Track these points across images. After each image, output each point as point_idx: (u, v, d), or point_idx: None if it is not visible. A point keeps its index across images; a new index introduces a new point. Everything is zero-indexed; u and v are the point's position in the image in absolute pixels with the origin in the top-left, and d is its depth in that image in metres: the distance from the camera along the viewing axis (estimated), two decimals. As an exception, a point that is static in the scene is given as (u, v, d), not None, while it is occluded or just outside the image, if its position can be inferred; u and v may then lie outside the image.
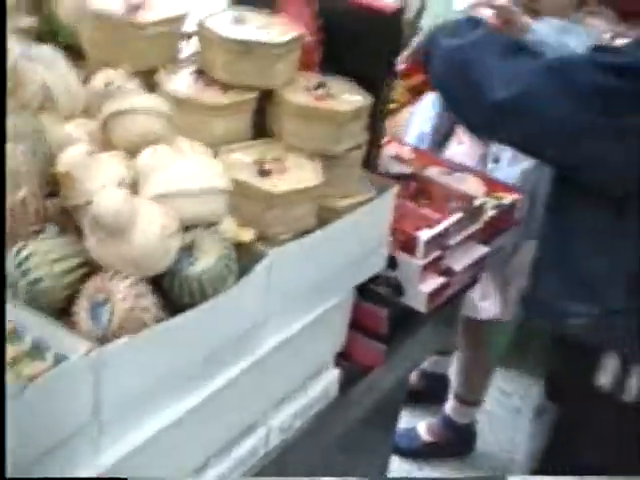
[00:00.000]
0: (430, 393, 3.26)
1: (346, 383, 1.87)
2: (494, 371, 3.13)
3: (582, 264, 1.92)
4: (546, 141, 1.80)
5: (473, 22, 1.90)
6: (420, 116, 2.66)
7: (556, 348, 2.08)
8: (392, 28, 1.74)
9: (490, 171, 2.49)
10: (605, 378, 1.97)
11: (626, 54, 1.77)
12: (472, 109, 1.86)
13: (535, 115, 1.75)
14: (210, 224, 1.46)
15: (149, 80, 1.65)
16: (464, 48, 1.81)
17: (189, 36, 1.77)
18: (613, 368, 1.96)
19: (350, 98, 1.69)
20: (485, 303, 2.67)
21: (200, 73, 1.68)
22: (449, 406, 3.14)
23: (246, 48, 1.64)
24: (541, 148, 1.84)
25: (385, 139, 2.25)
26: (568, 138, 1.76)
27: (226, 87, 1.65)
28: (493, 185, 2.21)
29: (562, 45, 2.08)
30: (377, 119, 1.76)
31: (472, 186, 2.17)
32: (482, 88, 1.77)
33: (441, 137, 2.61)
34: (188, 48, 1.76)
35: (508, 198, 2.19)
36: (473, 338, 2.97)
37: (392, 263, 1.88)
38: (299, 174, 1.60)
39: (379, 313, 1.91)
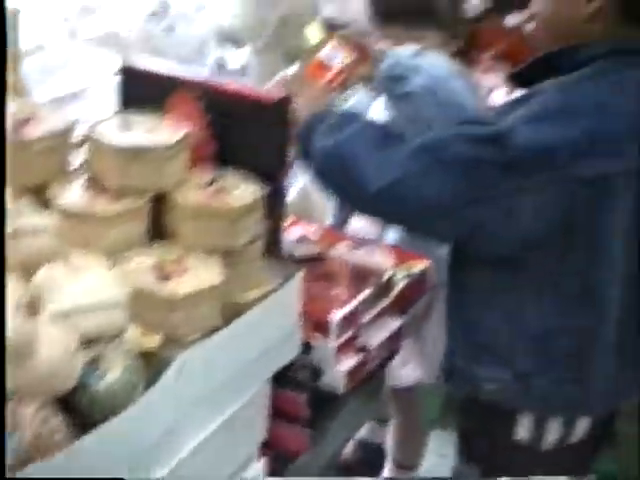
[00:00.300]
0: (366, 464, 3.25)
1: (273, 473, 1.86)
2: (429, 434, 3.13)
3: (486, 329, 1.95)
4: (427, 219, 1.82)
5: (348, 116, 1.93)
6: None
7: (471, 409, 2.09)
8: (279, 116, 1.76)
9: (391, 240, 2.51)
10: (523, 433, 2.00)
11: (493, 124, 1.80)
12: (355, 202, 1.89)
13: (412, 196, 1.78)
14: (114, 336, 1.45)
15: (41, 196, 1.64)
16: (339, 145, 1.83)
17: (79, 145, 1.77)
18: (529, 424, 1.99)
19: (244, 191, 1.70)
20: (406, 370, 2.68)
21: (91, 182, 1.68)
22: (387, 471, 3.14)
23: (135, 153, 1.64)
24: (426, 226, 1.86)
25: (289, 220, 2.29)
26: (446, 212, 1.79)
27: (118, 194, 1.65)
28: (402, 255, 2.23)
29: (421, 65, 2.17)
30: (275, 207, 1.77)
31: (381, 259, 2.19)
32: (360, 183, 1.79)
33: (345, 213, 2.62)
34: (79, 158, 1.76)
35: (418, 266, 2.21)
36: (403, 405, 2.97)
37: (307, 347, 1.89)
38: (200, 274, 1.59)
39: (299, 398, 1.91)
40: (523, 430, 1.99)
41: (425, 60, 2.43)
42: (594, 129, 1.77)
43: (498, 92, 3.21)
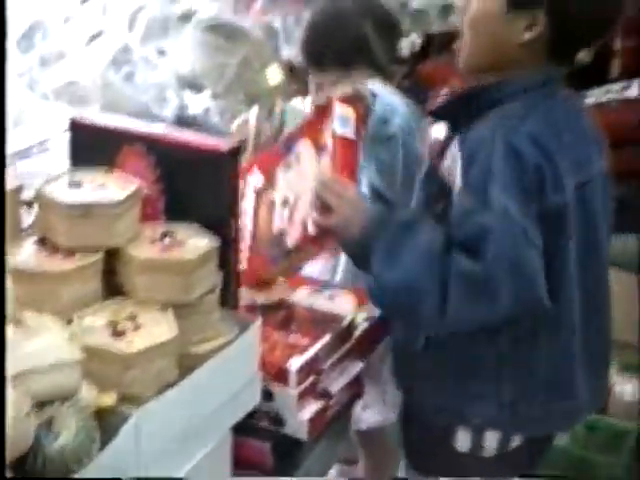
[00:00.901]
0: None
1: (240, 523, 1.85)
2: (397, 471, 3.13)
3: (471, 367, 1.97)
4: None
5: (403, 230, 1.87)
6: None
7: (412, 428, 2.15)
8: (229, 165, 1.77)
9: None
10: (463, 444, 2.03)
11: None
12: (428, 328, 1.92)
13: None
14: (68, 396, 1.45)
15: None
16: (404, 281, 1.81)
17: (29, 204, 1.78)
18: (468, 437, 2.02)
19: (197, 243, 1.70)
20: (367, 413, 2.68)
21: (43, 241, 1.68)
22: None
23: (85, 211, 1.65)
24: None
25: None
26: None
27: (70, 252, 1.65)
28: (362, 297, 2.23)
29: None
30: (228, 257, 1.77)
31: (341, 303, 2.19)
32: (432, 315, 1.80)
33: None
34: (29, 217, 1.77)
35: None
36: (369, 447, 2.97)
37: (268, 395, 1.88)
38: (154, 329, 1.59)
39: (262, 447, 1.91)
40: (462, 443, 2.01)
41: (395, 99, 2.46)
42: (541, 169, 1.79)
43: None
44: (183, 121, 4.08)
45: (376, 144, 2.34)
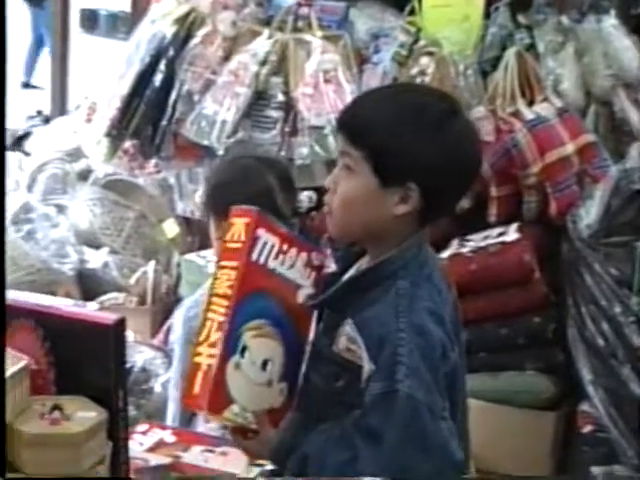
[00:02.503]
0: None
1: None
2: None
3: None
4: None
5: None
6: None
7: None
8: (115, 338, 1.77)
9: None
10: None
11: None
12: None
13: None
14: None
15: None
16: None
17: None
18: None
19: (86, 415, 1.69)
20: None
21: None
22: None
23: (-27, 388, 1.63)
24: None
25: (145, 427, 2.29)
26: None
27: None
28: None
29: None
30: (117, 427, 1.76)
31: (234, 459, 2.18)
32: None
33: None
34: None
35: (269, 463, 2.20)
36: None
37: None
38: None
39: None
40: None
41: None
42: (442, 339, 1.83)
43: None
44: (83, 275, 4.08)
45: None
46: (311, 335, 2.00)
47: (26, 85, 8.53)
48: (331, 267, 2.09)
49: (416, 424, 1.77)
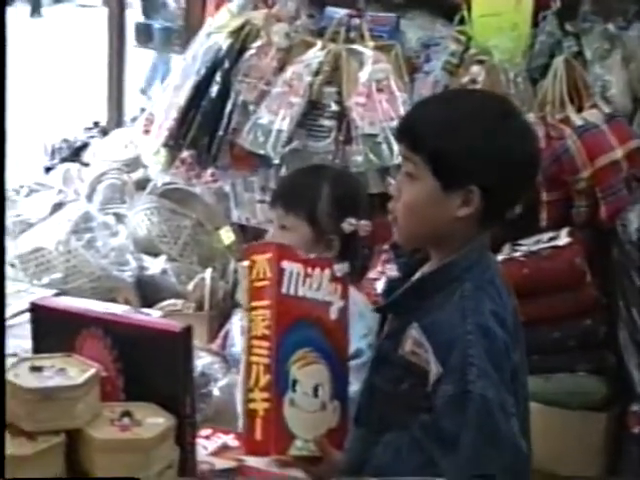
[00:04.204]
0: None
1: None
2: None
3: None
4: None
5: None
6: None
7: None
8: (183, 346, 1.77)
9: None
10: None
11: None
12: None
13: None
14: None
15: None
16: None
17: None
18: None
19: (155, 421, 1.69)
20: None
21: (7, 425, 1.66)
22: None
23: (45, 395, 1.64)
24: None
25: (209, 432, 2.28)
26: None
27: (33, 434, 1.64)
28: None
29: None
30: (185, 432, 1.75)
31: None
32: None
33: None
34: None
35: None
36: None
37: None
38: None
39: None
40: None
41: None
42: (506, 341, 1.82)
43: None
44: (142, 282, 4.09)
45: None
46: (378, 340, 2.00)
47: (143, 92, 8.40)
48: (394, 274, 2.08)
49: (490, 423, 1.75)
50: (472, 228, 1.87)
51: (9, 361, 1.72)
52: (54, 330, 1.85)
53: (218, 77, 3.87)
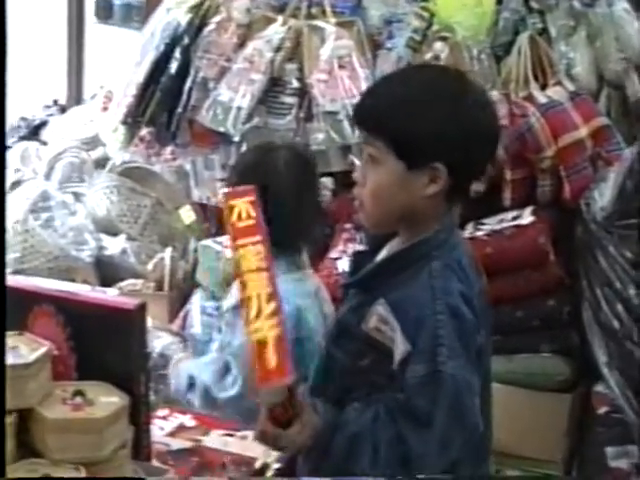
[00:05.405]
0: None
1: None
2: None
3: None
4: None
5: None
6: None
7: None
8: (137, 323, 1.76)
9: None
10: None
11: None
12: None
13: None
14: None
15: None
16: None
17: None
18: None
19: (108, 400, 1.69)
20: None
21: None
22: None
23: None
24: None
25: (165, 411, 2.28)
26: None
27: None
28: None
29: None
30: (138, 412, 1.75)
31: (253, 443, 2.16)
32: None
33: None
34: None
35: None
36: None
37: None
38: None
39: None
40: None
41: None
42: (473, 321, 1.84)
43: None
44: (101, 262, 4.07)
45: None
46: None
47: None
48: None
49: (459, 403, 1.79)
50: (440, 205, 1.87)
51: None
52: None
53: (177, 53, 3.85)
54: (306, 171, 2.61)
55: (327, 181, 3.55)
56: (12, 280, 1.94)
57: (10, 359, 1.66)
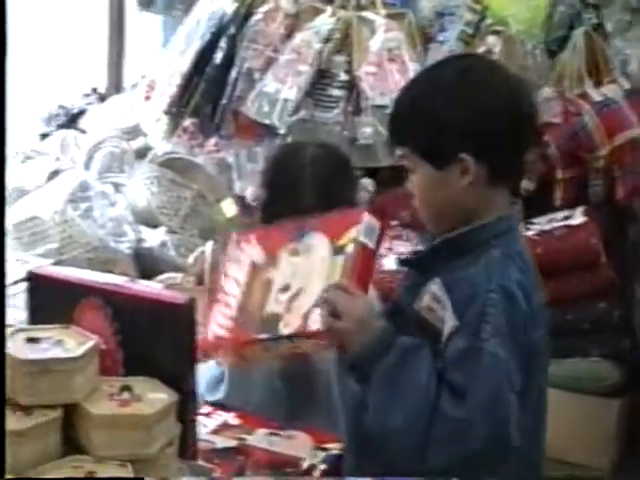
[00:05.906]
0: None
1: None
2: None
3: None
4: None
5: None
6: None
7: None
8: (186, 319, 1.74)
9: None
10: None
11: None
12: None
13: None
14: None
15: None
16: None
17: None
18: None
19: (155, 397, 1.67)
20: None
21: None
22: None
23: (42, 367, 1.61)
24: None
25: (208, 409, 2.26)
26: None
27: (29, 408, 1.61)
28: (319, 437, 2.20)
29: None
30: (186, 409, 1.73)
31: (299, 443, 2.15)
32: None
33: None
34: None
35: (334, 448, 2.17)
36: None
37: None
38: (112, 486, 1.55)
39: None
40: None
41: None
42: (526, 312, 1.83)
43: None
44: (140, 255, 4.06)
45: None
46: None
47: None
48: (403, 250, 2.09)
49: (495, 383, 1.77)
50: (482, 192, 1.91)
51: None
52: (52, 300, 1.82)
53: (223, 43, 3.84)
54: (337, 169, 2.57)
55: (367, 182, 3.54)
56: (60, 271, 1.95)
57: (57, 352, 1.65)
